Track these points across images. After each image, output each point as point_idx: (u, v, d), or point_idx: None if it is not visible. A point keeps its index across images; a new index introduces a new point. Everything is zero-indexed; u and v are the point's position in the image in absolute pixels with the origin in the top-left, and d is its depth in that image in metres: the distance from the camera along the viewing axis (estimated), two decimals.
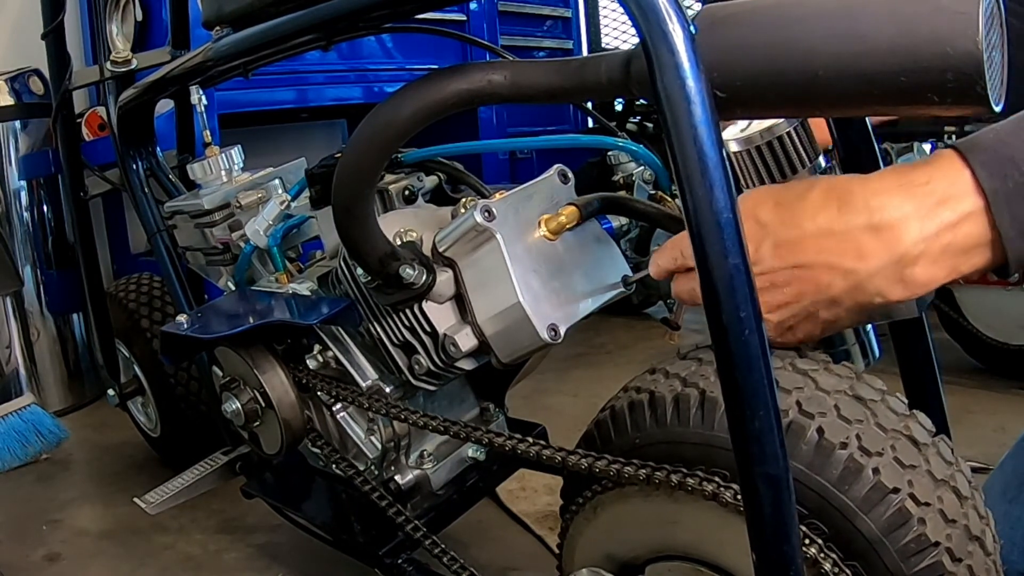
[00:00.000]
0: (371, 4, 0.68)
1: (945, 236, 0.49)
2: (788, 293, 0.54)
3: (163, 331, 0.94)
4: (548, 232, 0.73)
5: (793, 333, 0.57)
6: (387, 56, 2.34)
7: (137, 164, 1.23)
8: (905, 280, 0.51)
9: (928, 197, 0.49)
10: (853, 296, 0.53)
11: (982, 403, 1.65)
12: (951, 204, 0.49)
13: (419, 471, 0.96)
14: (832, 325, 0.56)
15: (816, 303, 0.54)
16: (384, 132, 0.62)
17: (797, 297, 0.54)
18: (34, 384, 1.97)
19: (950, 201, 0.49)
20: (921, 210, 0.49)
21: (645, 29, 0.43)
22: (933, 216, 0.49)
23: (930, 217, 0.49)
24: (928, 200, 0.49)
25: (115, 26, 1.16)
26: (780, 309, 0.55)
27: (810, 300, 0.54)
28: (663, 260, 0.62)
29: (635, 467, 0.58)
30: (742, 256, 0.43)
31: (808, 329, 0.57)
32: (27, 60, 1.89)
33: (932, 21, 0.44)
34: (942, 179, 0.49)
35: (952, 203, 0.49)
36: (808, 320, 0.56)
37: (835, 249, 0.51)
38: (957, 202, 0.49)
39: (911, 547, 0.51)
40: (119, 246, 2.39)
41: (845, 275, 0.52)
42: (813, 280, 0.53)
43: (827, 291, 0.53)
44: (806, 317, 0.55)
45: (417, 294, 0.75)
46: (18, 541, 1.38)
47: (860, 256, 0.51)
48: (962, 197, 0.49)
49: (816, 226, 0.52)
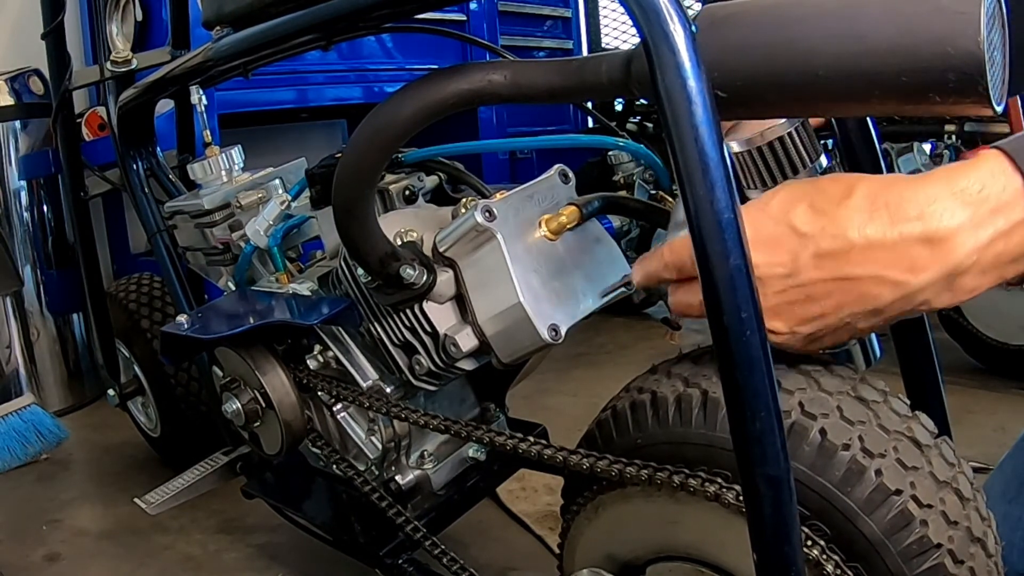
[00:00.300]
0: (371, 4, 0.67)
1: (998, 245, 0.48)
2: (826, 305, 0.51)
3: (163, 331, 0.94)
4: (548, 232, 0.73)
5: (820, 343, 0.55)
6: (387, 56, 2.34)
7: (137, 164, 1.23)
8: (954, 290, 0.50)
9: (982, 205, 0.47)
10: (899, 307, 0.51)
11: (982, 403, 1.65)
12: (1005, 212, 0.47)
13: (419, 471, 0.96)
14: (864, 332, 0.54)
15: (856, 315, 0.51)
16: (384, 132, 0.61)
17: (836, 309, 0.51)
18: (34, 384, 1.97)
19: (1004, 209, 0.47)
20: (975, 219, 0.48)
21: (646, 29, 0.43)
22: (987, 225, 0.48)
23: (984, 226, 0.48)
24: (982, 208, 0.47)
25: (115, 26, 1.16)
26: (813, 321, 0.53)
27: (849, 311, 0.51)
28: (655, 267, 0.60)
29: (637, 467, 0.58)
30: (743, 256, 0.43)
31: (838, 338, 0.55)
32: (27, 60, 1.89)
33: (933, 21, 0.44)
34: (994, 185, 0.48)
35: (1006, 211, 0.47)
36: (843, 330, 0.54)
37: (886, 261, 0.49)
38: (1011, 210, 0.47)
39: (913, 549, 0.51)
40: (119, 246, 2.39)
41: (895, 287, 0.49)
42: (858, 292, 0.50)
43: (873, 303, 0.50)
44: (840, 328, 0.53)
45: (417, 294, 0.75)
46: (18, 541, 1.38)
47: (913, 269, 0.49)
48: (1015, 204, 0.47)
49: (865, 237, 0.49)
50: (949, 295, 0.50)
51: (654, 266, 0.60)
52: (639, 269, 0.62)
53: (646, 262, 0.62)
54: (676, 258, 0.58)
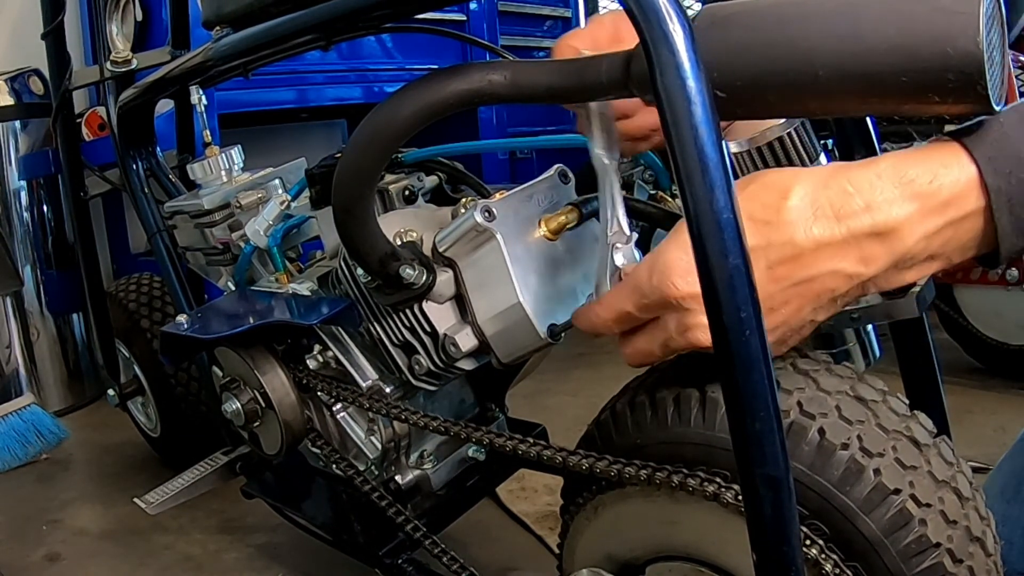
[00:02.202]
0: (371, 4, 0.68)
1: (947, 233, 0.48)
2: (787, 312, 0.52)
3: (163, 331, 0.94)
4: (548, 232, 0.73)
5: (786, 345, 0.56)
6: (387, 56, 2.34)
7: (137, 164, 1.23)
8: (904, 274, 0.51)
9: (933, 197, 0.48)
10: (854, 293, 0.52)
11: (982, 403, 1.65)
12: (956, 203, 0.48)
13: (419, 471, 0.96)
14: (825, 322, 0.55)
15: (816, 310, 0.52)
16: (384, 132, 0.61)
17: (796, 312, 0.52)
18: (34, 384, 1.97)
19: (956, 201, 0.48)
20: (924, 210, 0.48)
21: (645, 29, 0.43)
22: (937, 216, 0.48)
23: (934, 217, 0.48)
24: (933, 201, 0.48)
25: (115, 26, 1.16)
26: (776, 330, 0.53)
27: (810, 309, 0.52)
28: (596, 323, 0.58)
29: (636, 467, 0.58)
30: (743, 256, 0.43)
31: (802, 336, 0.55)
32: (27, 60, 1.89)
33: (932, 21, 0.44)
34: (946, 175, 0.48)
35: (958, 202, 0.48)
36: (806, 327, 0.54)
37: (838, 256, 0.49)
38: (963, 201, 0.48)
39: (912, 548, 0.51)
40: (119, 246, 2.39)
41: (849, 279, 0.50)
42: (815, 291, 0.51)
43: (830, 295, 0.51)
44: (803, 327, 0.54)
45: (417, 294, 0.75)
46: (18, 541, 1.38)
47: (865, 261, 0.49)
48: (968, 196, 0.48)
49: (813, 239, 0.49)
50: (898, 278, 0.51)
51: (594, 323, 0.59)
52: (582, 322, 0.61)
53: (583, 317, 0.60)
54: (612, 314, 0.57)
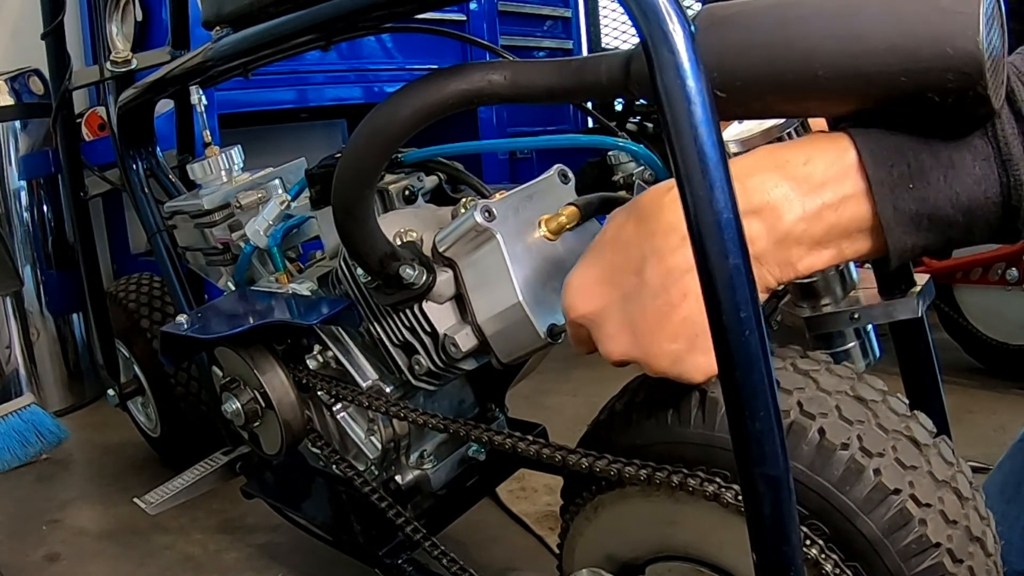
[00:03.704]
0: (371, 4, 0.67)
1: (828, 216, 0.48)
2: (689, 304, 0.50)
3: (163, 331, 0.94)
4: (548, 232, 0.73)
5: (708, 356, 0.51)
6: (387, 56, 2.34)
7: (137, 164, 1.23)
8: (792, 262, 0.50)
9: (807, 179, 0.48)
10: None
11: (982, 403, 1.65)
12: (831, 186, 0.48)
13: (419, 471, 0.96)
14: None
15: None
16: (384, 132, 0.61)
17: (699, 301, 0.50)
18: (34, 384, 1.98)
19: (830, 183, 0.48)
20: (800, 190, 0.48)
21: (645, 29, 0.43)
22: (813, 196, 0.48)
23: (810, 197, 0.48)
24: (807, 182, 0.48)
25: (115, 26, 1.16)
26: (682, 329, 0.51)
27: None
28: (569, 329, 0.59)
29: (636, 467, 0.58)
30: (743, 256, 0.43)
31: None
32: (27, 60, 1.89)
33: (932, 21, 0.44)
34: (821, 159, 0.48)
35: (833, 185, 0.48)
36: None
37: None
38: (838, 183, 0.48)
39: (912, 548, 0.51)
40: (119, 246, 2.39)
41: None
42: None
43: None
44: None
45: (417, 294, 0.75)
46: (18, 541, 1.38)
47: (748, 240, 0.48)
48: (843, 178, 0.48)
49: None
50: (791, 269, 0.50)
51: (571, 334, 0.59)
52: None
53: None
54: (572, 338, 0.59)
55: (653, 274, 0.51)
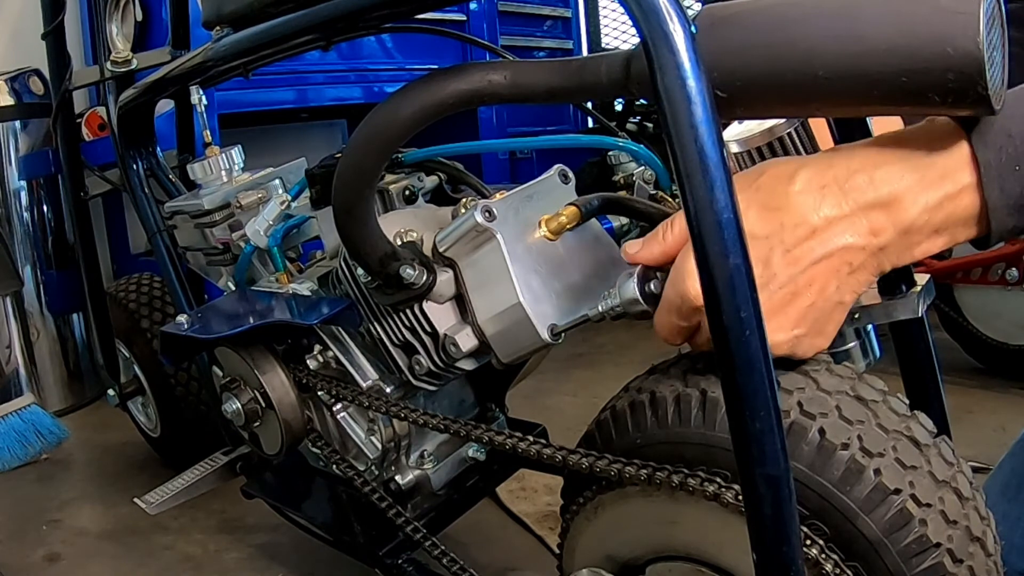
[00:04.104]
0: (371, 4, 0.67)
1: (947, 207, 0.50)
2: (812, 294, 0.53)
3: (163, 331, 0.94)
4: (548, 232, 0.73)
5: (825, 335, 0.56)
6: (387, 56, 2.34)
7: (137, 164, 1.23)
8: (912, 249, 0.52)
9: (930, 169, 0.50)
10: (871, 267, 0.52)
11: (982, 403, 1.65)
12: (952, 176, 0.49)
13: (419, 471, 0.96)
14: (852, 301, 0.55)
15: (841, 288, 0.53)
16: (384, 132, 0.61)
17: (821, 292, 0.53)
18: (34, 384, 1.98)
19: (951, 174, 0.49)
20: (924, 182, 0.50)
21: (646, 29, 0.43)
22: (936, 188, 0.50)
23: (932, 189, 0.50)
24: (930, 173, 0.50)
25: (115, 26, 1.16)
26: (807, 314, 0.53)
27: (835, 287, 0.53)
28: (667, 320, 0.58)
29: (636, 467, 0.58)
30: (743, 256, 0.43)
31: (835, 322, 0.55)
32: (27, 60, 1.89)
33: (932, 21, 0.44)
34: (942, 150, 0.50)
35: (953, 175, 0.49)
36: (836, 310, 0.54)
37: (849, 229, 0.51)
38: (957, 174, 0.49)
39: (912, 548, 0.51)
40: (119, 246, 2.39)
41: (862, 250, 0.51)
42: (833, 266, 0.52)
43: (848, 268, 0.52)
44: (833, 309, 0.54)
45: (417, 294, 0.75)
46: (18, 541, 1.38)
47: (873, 232, 0.51)
48: (961, 169, 0.49)
49: (824, 217, 0.51)
50: (909, 252, 0.52)
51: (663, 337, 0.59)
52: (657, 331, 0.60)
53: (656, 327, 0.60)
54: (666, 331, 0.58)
55: (781, 265, 0.52)
